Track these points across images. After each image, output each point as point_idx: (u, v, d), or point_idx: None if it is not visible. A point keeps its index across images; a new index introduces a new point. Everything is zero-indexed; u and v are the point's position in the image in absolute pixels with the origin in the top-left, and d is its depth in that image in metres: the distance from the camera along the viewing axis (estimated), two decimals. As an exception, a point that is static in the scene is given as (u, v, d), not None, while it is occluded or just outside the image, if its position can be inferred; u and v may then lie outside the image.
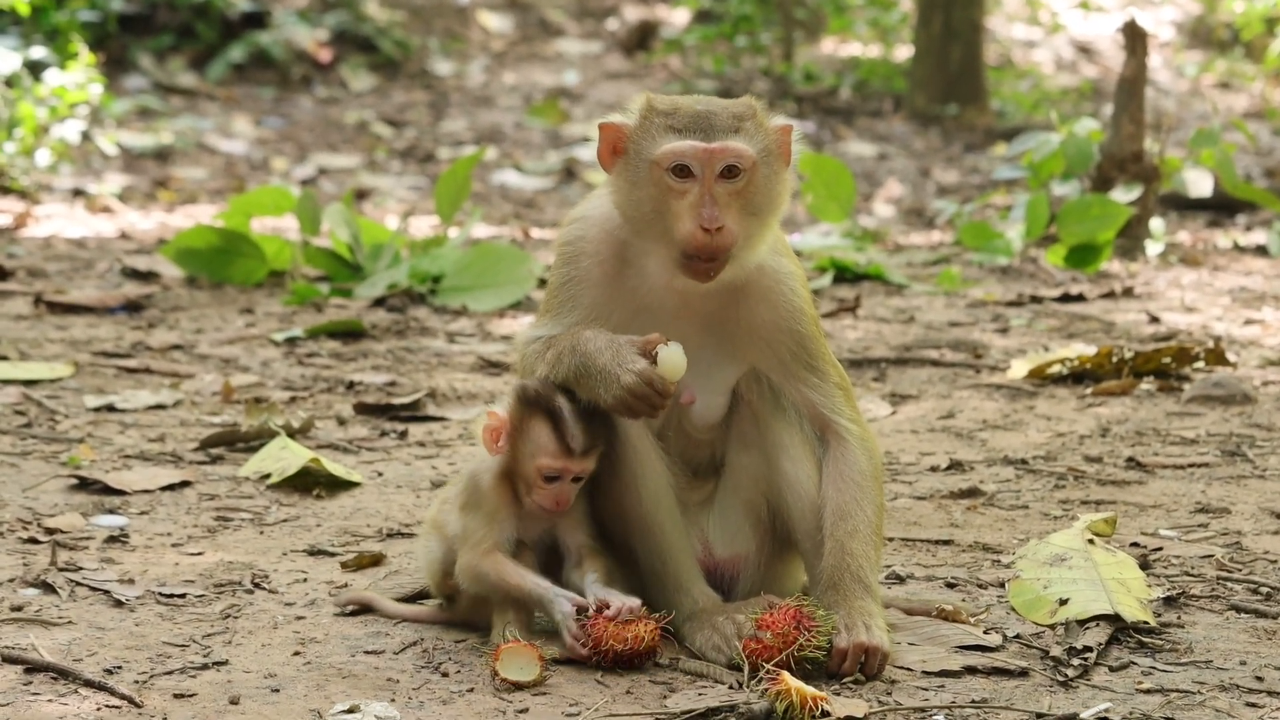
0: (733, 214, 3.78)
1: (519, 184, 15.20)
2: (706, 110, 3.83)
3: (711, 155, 3.77)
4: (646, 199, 3.81)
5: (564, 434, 3.80)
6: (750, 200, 3.82)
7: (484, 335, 8.24)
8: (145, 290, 8.94)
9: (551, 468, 3.83)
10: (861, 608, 3.80)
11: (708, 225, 3.74)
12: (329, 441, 6.01)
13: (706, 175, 3.77)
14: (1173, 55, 21.46)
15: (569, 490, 3.87)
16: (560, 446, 3.81)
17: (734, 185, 3.79)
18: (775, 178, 3.86)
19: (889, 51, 19.70)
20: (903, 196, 14.97)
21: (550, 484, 3.85)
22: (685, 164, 3.77)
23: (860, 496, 3.93)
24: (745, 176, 3.80)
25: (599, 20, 21.31)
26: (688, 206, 3.77)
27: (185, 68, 18.16)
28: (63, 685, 3.63)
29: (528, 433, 3.84)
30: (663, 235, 3.81)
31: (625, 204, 3.86)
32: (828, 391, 3.99)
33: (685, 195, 3.78)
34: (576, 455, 3.81)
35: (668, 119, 3.82)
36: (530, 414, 3.83)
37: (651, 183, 3.80)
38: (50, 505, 5.10)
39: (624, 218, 3.88)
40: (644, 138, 3.82)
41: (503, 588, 3.84)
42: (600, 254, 3.95)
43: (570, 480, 3.86)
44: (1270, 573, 4.53)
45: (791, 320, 3.95)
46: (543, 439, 3.82)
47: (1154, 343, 7.97)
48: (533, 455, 3.84)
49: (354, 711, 3.47)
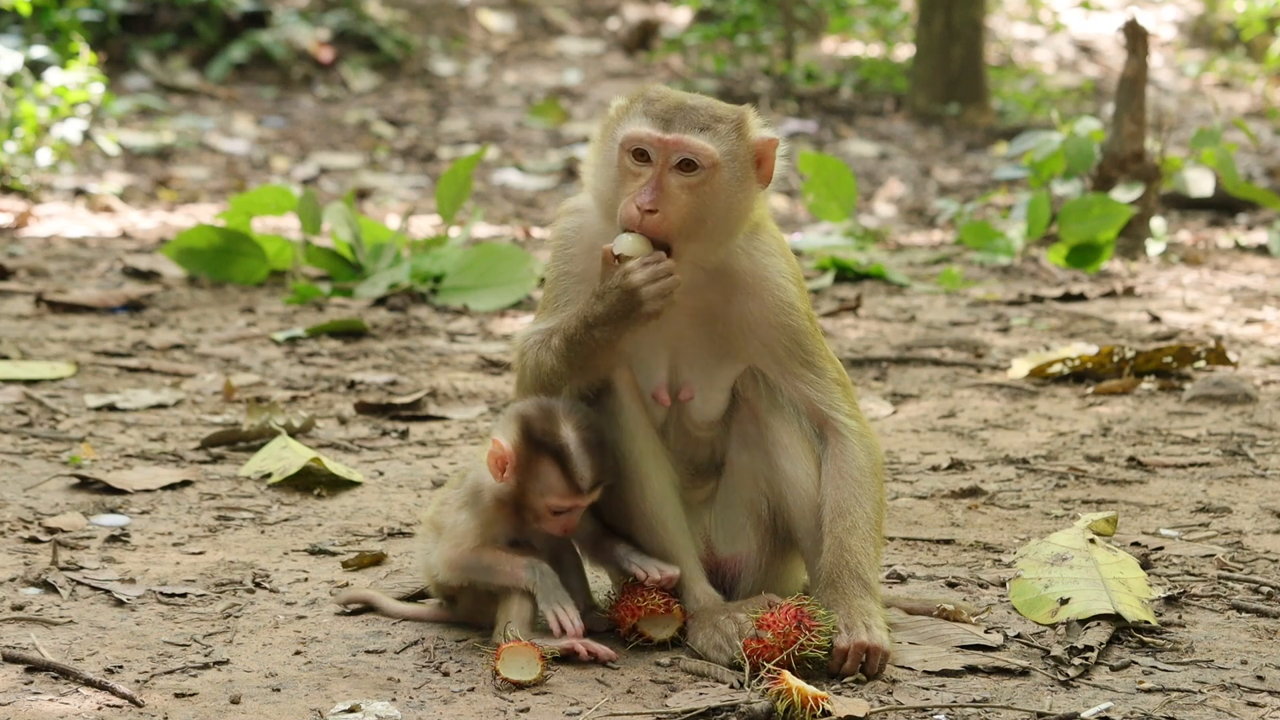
0: (678, 206, 3.80)
1: (520, 183, 15.20)
2: (690, 105, 3.87)
3: (666, 145, 3.81)
4: (609, 178, 3.88)
5: (573, 475, 3.81)
6: (704, 199, 3.83)
7: (485, 335, 8.25)
8: (146, 290, 8.94)
9: (561, 505, 3.85)
10: (861, 606, 3.80)
11: (641, 205, 3.78)
12: (330, 441, 6.01)
13: (660, 162, 3.81)
14: (1174, 55, 21.45)
15: (575, 518, 3.90)
16: (569, 487, 3.83)
17: (689, 179, 3.82)
18: (740, 185, 3.87)
19: (890, 51, 19.70)
20: (904, 196, 14.97)
21: (558, 516, 3.88)
22: (643, 149, 3.82)
23: (859, 493, 3.93)
24: (703, 174, 3.82)
25: (600, 20, 21.31)
26: (635, 187, 3.82)
27: (186, 67, 18.16)
28: (64, 685, 3.63)
29: (536, 472, 3.84)
30: (614, 214, 3.86)
31: (593, 181, 3.95)
32: (825, 388, 3.99)
33: (639, 178, 3.82)
34: (585, 493, 3.84)
35: (648, 105, 3.87)
36: (538, 454, 3.83)
37: (615, 163, 3.86)
38: (51, 505, 5.10)
39: (592, 195, 3.96)
40: (621, 119, 3.89)
41: (498, 576, 3.87)
42: (590, 247, 3.96)
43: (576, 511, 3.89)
44: (1271, 572, 4.53)
45: (783, 316, 3.95)
46: (551, 480, 3.83)
47: (1155, 342, 7.97)
48: (542, 494, 3.85)
49: (355, 711, 3.47)
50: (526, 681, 3.64)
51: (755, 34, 18.87)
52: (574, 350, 3.87)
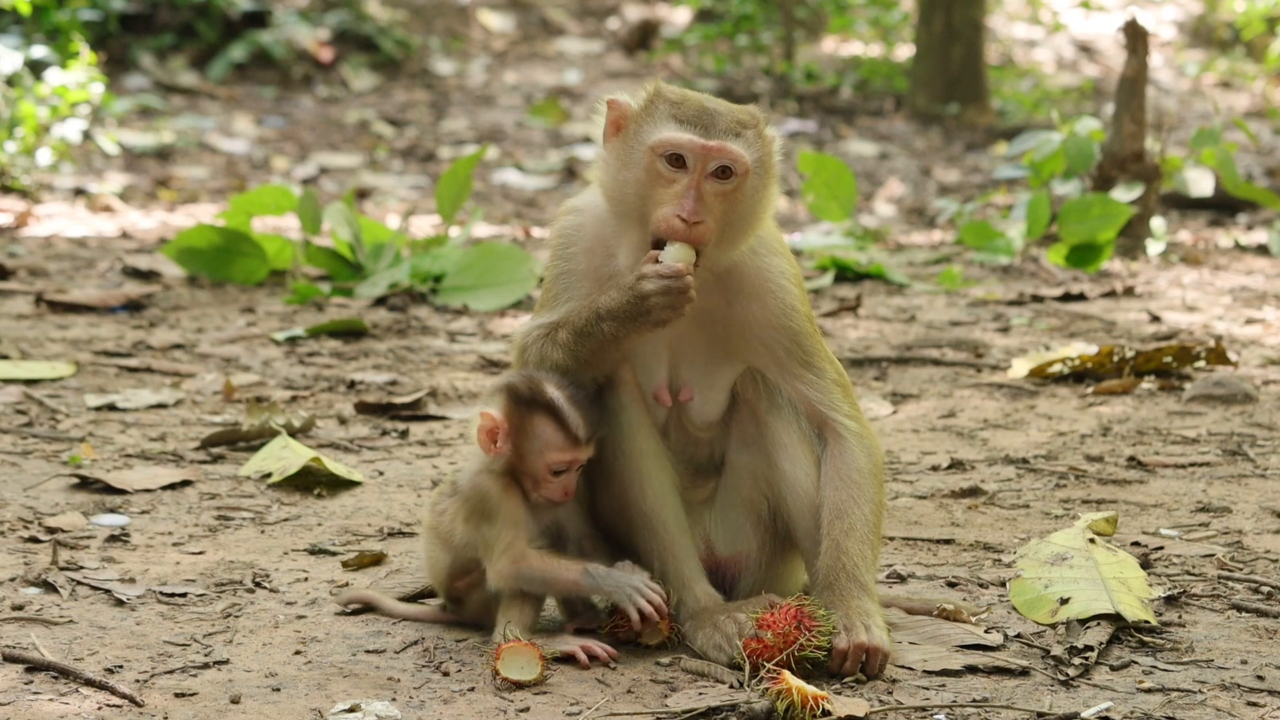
0: (715, 214, 3.80)
1: (520, 183, 15.20)
2: (714, 108, 3.85)
3: (709, 152, 3.78)
4: (633, 181, 3.83)
5: (568, 425, 3.82)
6: (735, 205, 3.83)
7: (485, 334, 8.25)
8: (146, 289, 8.94)
9: (562, 460, 3.85)
10: (859, 608, 3.80)
11: (688, 217, 3.76)
12: (330, 441, 6.01)
13: (698, 170, 3.78)
14: (1174, 54, 21.45)
15: (574, 479, 3.90)
16: (567, 438, 3.83)
17: (723, 187, 3.81)
18: (763, 189, 3.89)
19: (890, 51, 19.70)
20: (904, 196, 14.97)
21: (558, 476, 3.87)
22: (681, 154, 3.78)
23: (857, 495, 3.93)
24: (735, 181, 3.82)
25: (600, 19, 21.31)
26: (672, 195, 3.78)
27: (186, 67, 18.16)
28: (64, 684, 3.63)
29: (531, 430, 3.84)
30: (639, 218, 3.84)
31: (610, 182, 3.88)
32: (825, 388, 3.99)
33: (673, 184, 3.79)
34: (584, 443, 3.84)
35: (673, 108, 3.84)
36: (530, 412, 3.84)
37: (643, 166, 3.82)
38: (51, 504, 5.10)
39: (605, 194, 3.90)
40: (646, 121, 3.84)
41: (555, 585, 3.86)
42: (591, 246, 3.96)
43: (574, 469, 3.89)
44: (1271, 572, 4.53)
45: (783, 317, 3.96)
46: (548, 434, 3.83)
47: (1155, 342, 7.97)
48: (540, 452, 3.85)
49: (355, 711, 3.47)
50: (526, 681, 3.64)
51: (755, 34, 18.87)
52: (581, 343, 3.86)
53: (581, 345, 3.87)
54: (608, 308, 3.81)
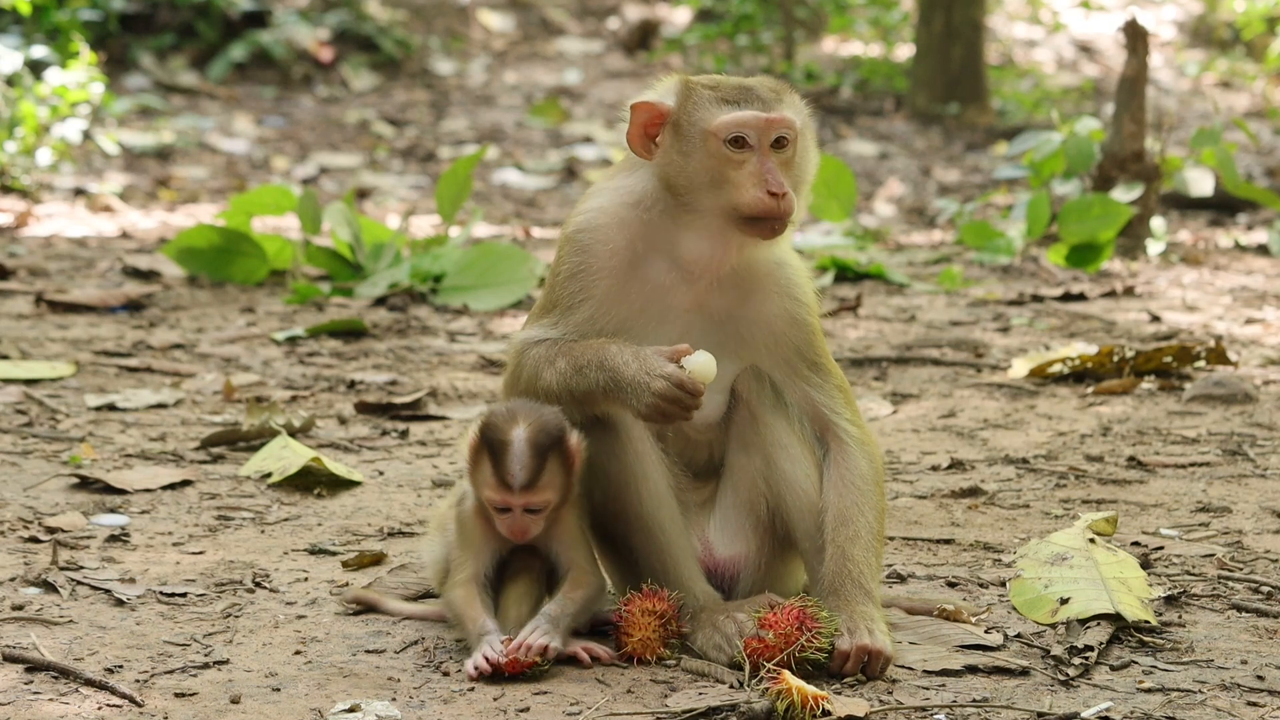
0: (788, 182, 3.84)
1: (520, 183, 15.20)
2: (749, 84, 3.89)
3: (770, 124, 3.82)
4: (702, 170, 3.84)
5: (503, 469, 3.77)
6: (793, 170, 3.89)
7: (485, 334, 8.25)
8: (146, 289, 8.94)
9: (494, 501, 3.83)
10: (863, 612, 3.80)
11: (776, 190, 3.79)
12: (330, 440, 6.01)
13: (763, 144, 3.82)
14: (1174, 54, 21.45)
15: (524, 521, 3.84)
16: (499, 482, 3.79)
17: (782, 156, 3.86)
18: (810, 149, 3.96)
19: (890, 51, 19.69)
20: (904, 195, 14.97)
21: (503, 514, 3.85)
22: (743, 135, 3.81)
23: (861, 501, 3.93)
24: (791, 148, 3.87)
25: (600, 19, 21.30)
26: (748, 175, 3.81)
27: (186, 67, 18.16)
28: (64, 684, 3.63)
29: (477, 464, 3.84)
30: (718, 204, 3.84)
31: (679, 176, 3.87)
32: (829, 392, 4.00)
33: (743, 165, 3.82)
34: (516, 491, 3.78)
35: (715, 92, 3.86)
36: (480, 446, 3.83)
37: (707, 154, 3.83)
38: (51, 504, 5.10)
39: (677, 190, 3.88)
40: (695, 111, 3.85)
41: (459, 620, 3.87)
42: (613, 243, 3.93)
43: (523, 512, 3.83)
44: (1271, 572, 4.53)
45: (800, 315, 3.98)
46: (486, 473, 3.82)
47: (1155, 342, 7.97)
48: (480, 487, 3.86)
49: (355, 710, 3.47)
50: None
51: (755, 34, 18.87)
52: (575, 379, 3.83)
53: (575, 381, 3.84)
54: (612, 365, 3.78)
